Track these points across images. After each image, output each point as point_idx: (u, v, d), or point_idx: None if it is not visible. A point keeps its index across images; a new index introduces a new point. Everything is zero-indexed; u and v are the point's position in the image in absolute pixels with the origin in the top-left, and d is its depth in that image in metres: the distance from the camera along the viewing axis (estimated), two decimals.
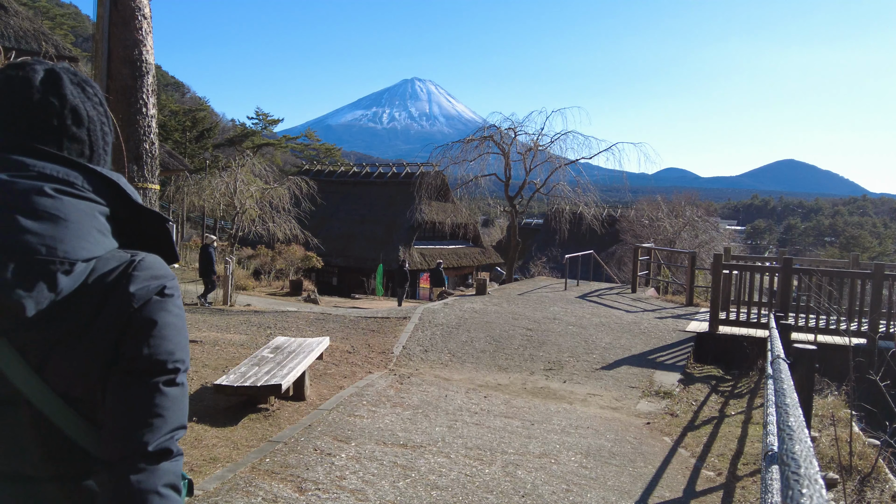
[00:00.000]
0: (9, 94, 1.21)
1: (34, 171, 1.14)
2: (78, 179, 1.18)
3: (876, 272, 9.59)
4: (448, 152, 23.07)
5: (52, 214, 1.11)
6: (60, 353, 1.14)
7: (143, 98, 6.32)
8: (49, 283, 1.09)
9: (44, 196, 1.12)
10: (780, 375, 3.13)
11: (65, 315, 1.13)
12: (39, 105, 1.21)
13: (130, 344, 1.16)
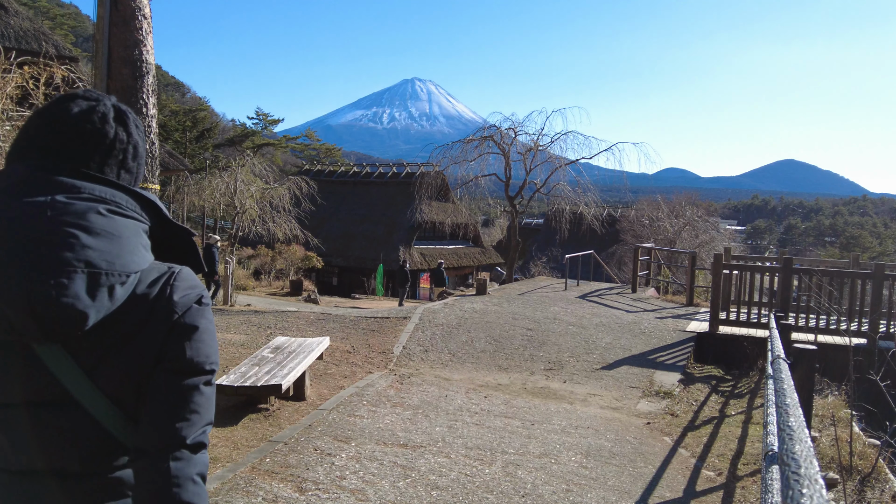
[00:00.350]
0: (75, 123, 1.31)
1: (86, 194, 1.25)
2: (124, 200, 1.31)
3: (876, 272, 9.59)
4: (448, 152, 23.07)
5: (108, 232, 1.24)
6: (111, 358, 1.25)
7: (143, 98, 6.32)
8: (109, 295, 1.21)
9: (99, 216, 1.24)
10: (780, 375, 3.13)
11: (116, 323, 1.24)
12: (113, 139, 1.36)
13: (174, 347, 1.28)
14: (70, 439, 1.25)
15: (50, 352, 1.22)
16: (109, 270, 1.21)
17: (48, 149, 1.29)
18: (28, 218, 1.18)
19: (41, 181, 1.24)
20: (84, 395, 1.24)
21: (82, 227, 1.20)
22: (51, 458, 1.25)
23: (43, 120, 1.32)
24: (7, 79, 4.68)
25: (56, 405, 1.24)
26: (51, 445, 1.25)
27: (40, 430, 1.24)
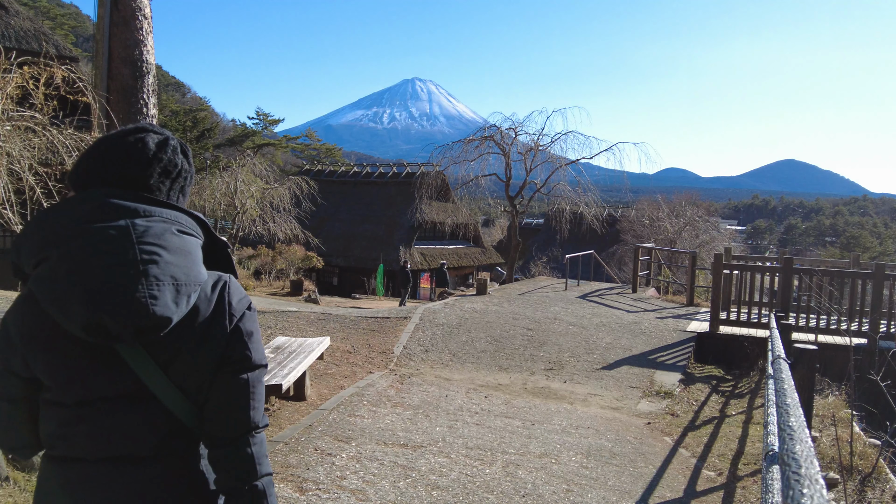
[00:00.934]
0: (154, 156, 1.54)
1: (158, 217, 1.47)
2: (186, 221, 1.53)
3: (877, 272, 9.59)
4: (448, 152, 23.05)
5: (182, 250, 1.46)
6: (183, 355, 1.46)
7: (143, 98, 6.32)
8: (186, 301, 1.43)
9: (173, 236, 1.46)
10: (780, 375, 3.13)
11: (187, 325, 1.46)
12: (180, 169, 1.60)
13: (237, 348, 1.53)
14: (144, 428, 1.45)
15: (132, 352, 1.42)
16: (187, 282, 1.43)
17: (123, 177, 1.49)
18: (116, 239, 1.39)
19: (120, 207, 1.44)
20: (159, 387, 1.45)
21: (163, 247, 1.42)
22: (127, 445, 1.44)
23: (120, 148, 1.51)
24: (7, 79, 4.68)
25: (133, 398, 1.45)
26: (127, 434, 1.45)
27: (119, 421, 1.44)
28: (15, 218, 4.85)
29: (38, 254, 1.41)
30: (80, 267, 1.36)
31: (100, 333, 1.35)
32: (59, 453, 1.46)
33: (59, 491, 1.46)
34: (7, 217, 4.89)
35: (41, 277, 1.38)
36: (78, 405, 1.44)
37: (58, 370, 1.43)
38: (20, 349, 1.44)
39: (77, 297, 1.33)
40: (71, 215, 1.42)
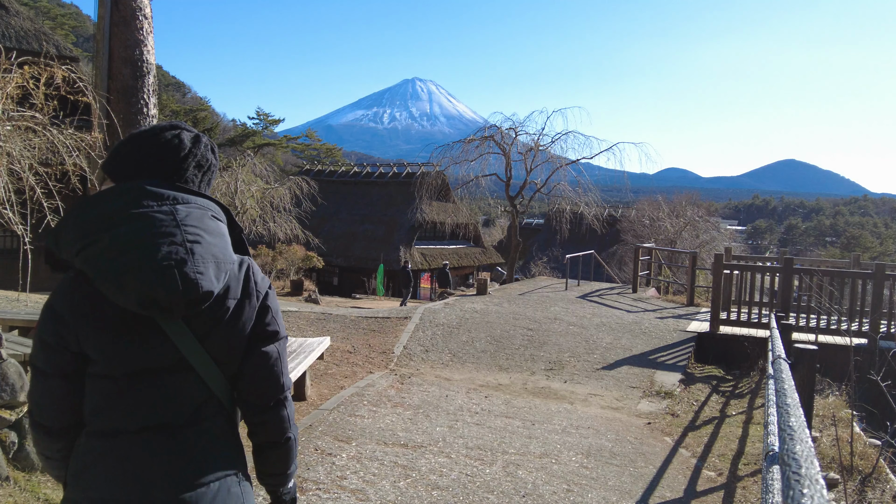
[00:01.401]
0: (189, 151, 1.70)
1: (194, 204, 1.63)
2: (215, 208, 1.70)
3: (877, 272, 9.59)
4: (449, 152, 23.05)
5: (218, 233, 1.64)
6: (218, 329, 1.62)
7: (144, 98, 6.32)
8: (224, 277, 1.60)
9: (209, 220, 1.63)
10: (780, 375, 3.13)
11: (220, 301, 1.62)
12: (211, 164, 1.77)
13: (265, 322, 1.71)
14: (182, 397, 1.60)
15: (174, 326, 1.57)
16: (224, 260, 1.61)
17: (161, 169, 1.65)
18: (165, 223, 1.54)
19: (163, 195, 1.59)
20: (197, 359, 1.60)
21: (204, 230, 1.59)
22: (165, 414, 1.59)
23: (159, 143, 1.67)
24: (7, 78, 4.67)
25: (173, 369, 1.59)
26: (167, 403, 1.59)
27: (161, 391, 1.59)
28: (15, 218, 4.85)
29: (83, 238, 1.53)
30: (134, 247, 1.50)
31: (153, 307, 1.49)
32: (100, 427, 1.58)
33: (98, 463, 1.56)
34: (7, 217, 4.88)
35: (94, 257, 1.51)
36: (124, 376, 1.57)
37: (106, 344, 1.55)
38: (72, 326, 1.55)
39: (133, 274, 1.47)
40: (117, 202, 1.56)
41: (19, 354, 5.34)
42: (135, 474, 1.55)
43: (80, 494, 1.58)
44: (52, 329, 1.57)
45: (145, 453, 1.56)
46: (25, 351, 5.59)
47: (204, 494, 1.58)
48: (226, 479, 1.64)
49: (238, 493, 1.66)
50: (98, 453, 1.57)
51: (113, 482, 1.55)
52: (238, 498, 1.66)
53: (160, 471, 1.56)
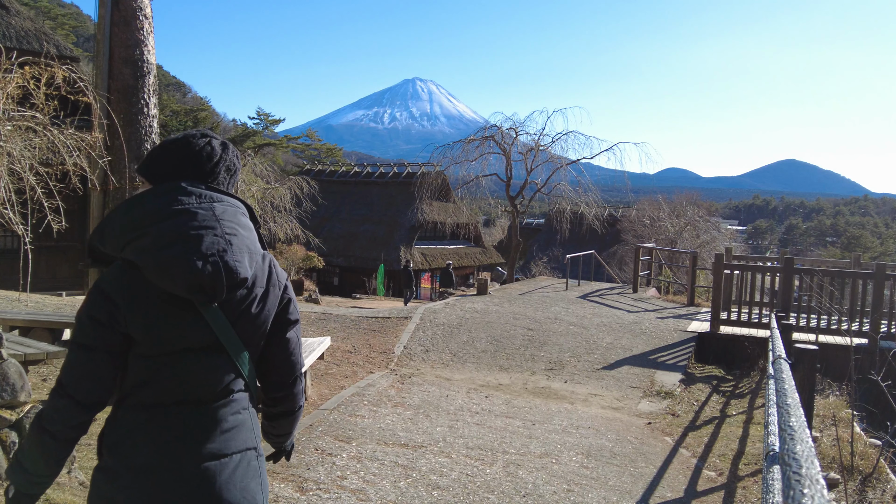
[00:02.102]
0: (220, 156, 1.95)
1: (227, 202, 1.87)
2: (242, 207, 1.93)
3: (877, 272, 9.58)
4: (449, 152, 23.04)
5: (249, 227, 1.88)
6: (247, 314, 1.84)
7: (144, 98, 6.32)
8: (255, 265, 1.83)
9: (242, 216, 1.89)
10: (781, 375, 3.13)
11: (251, 289, 1.85)
12: (237, 168, 2.05)
13: (287, 311, 1.97)
14: (215, 374, 1.80)
15: (211, 311, 1.77)
16: (255, 251, 1.85)
17: (196, 172, 1.87)
18: (206, 218, 1.76)
19: (201, 194, 1.82)
20: (229, 340, 1.80)
21: (238, 224, 1.83)
22: (198, 389, 1.78)
23: (193, 149, 1.89)
24: (8, 79, 4.67)
25: (209, 350, 1.79)
26: (201, 379, 1.79)
27: (197, 368, 1.78)
28: (16, 218, 4.85)
29: (131, 233, 1.74)
30: (180, 239, 1.71)
31: (199, 291, 1.70)
32: (141, 400, 1.77)
33: (138, 432, 1.75)
34: (8, 217, 4.88)
35: (143, 249, 1.71)
36: (166, 355, 1.76)
37: (152, 326, 1.74)
38: (122, 309, 1.73)
39: (181, 262, 1.68)
40: (161, 200, 1.78)
41: (20, 354, 5.34)
42: (168, 443, 1.74)
43: (120, 463, 1.74)
44: (104, 308, 1.74)
45: (179, 425, 1.76)
46: (26, 351, 5.59)
47: (226, 465, 1.78)
48: (246, 452, 1.84)
49: (256, 466, 1.86)
50: (139, 423, 1.76)
51: (151, 449, 1.73)
52: (255, 471, 1.85)
53: (190, 440, 1.76)
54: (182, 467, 1.74)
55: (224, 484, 1.77)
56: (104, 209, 6.28)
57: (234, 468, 1.79)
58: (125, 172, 6.07)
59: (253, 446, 1.87)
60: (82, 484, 3.99)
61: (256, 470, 1.86)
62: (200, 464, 1.75)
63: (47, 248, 12.32)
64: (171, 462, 1.73)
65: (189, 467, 1.74)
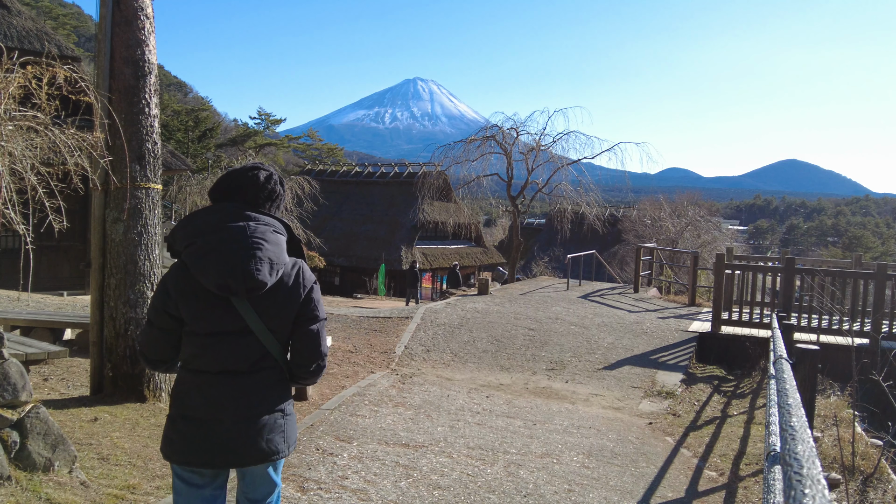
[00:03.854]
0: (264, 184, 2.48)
1: (263, 222, 2.41)
2: (277, 225, 2.46)
3: (879, 272, 9.57)
4: (450, 152, 23.02)
5: (275, 243, 2.39)
6: (273, 308, 2.39)
7: (145, 98, 6.32)
8: (276, 273, 2.37)
9: (271, 233, 2.40)
10: (782, 375, 3.12)
11: (275, 289, 2.39)
12: (279, 194, 2.55)
13: (309, 307, 2.46)
14: (246, 351, 2.37)
15: (242, 303, 2.34)
16: (277, 262, 2.36)
17: (243, 196, 2.44)
18: (239, 233, 2.33)
19: (242, 214, 2.39)
20: (257, 327, 2.36)
21: (265, 240, 2.35)
22: (234, 362, 2.36)
23: (242, 179, 2.45)
24: (10, 79, 4.67)
25: (240, 333, 2.36)
26: (236, 355, 2.36)
27: (232, 346, 2.36)
28: (17, 218, 4.85)
29: (188, 239, 2.36)
30: (217, 249, 2.30)
31: (226, 289, 2.29)
32: (193, 367, 2.40)
33: (193, 390, 2.38)
34: (9, 217, 4.89)
35: (192, 254, 2.33)
36: (207, 335, 2.36)
37: (196, 312, 2.35)
38: (174, 298, 2.36)
39: (214, 267, 2.28)
40: (211, 217, 2.39)
41: (21, 354, 5.35)
42: (213, 400, 2.35)
43: (178, 412, 2.39)
44: (161, 297, 2.39)
45: (220, 387, 2.35)
46: (27, 350, 5.60)
47: (256, 421, 2.37)
48: (273, 412, 2.41)
49: (281, 423, 2.42)
50: (191, 384, 2.39)
51: (199, 404, 2.35)
52: (280, 427, 2.42)
53: (229, 400, 2.34)
54: (222, 420, 2.33)
55: (253, 435, 2.35)
56: (105, 209, 6.28)
57: (262, 424, 2.37)
58: (126, 172, 6.07)
59: (280, 409, 2.43)
60: (83, 483, 3.99)
61: (281, 426, 2.42)
62: (236, 419, 2.34)
63: (48, 247, 12.33)
64: (214, 415, 2.33)
65: (227, 421, 2.33)
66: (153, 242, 6.41)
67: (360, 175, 36.11)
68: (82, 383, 6.62)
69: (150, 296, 6.34)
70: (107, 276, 6.29)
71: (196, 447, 2.33)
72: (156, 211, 6.50)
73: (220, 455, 2.34)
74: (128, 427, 5.42)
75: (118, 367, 6.21)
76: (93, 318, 6.37)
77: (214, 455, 2.33)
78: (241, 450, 2.34)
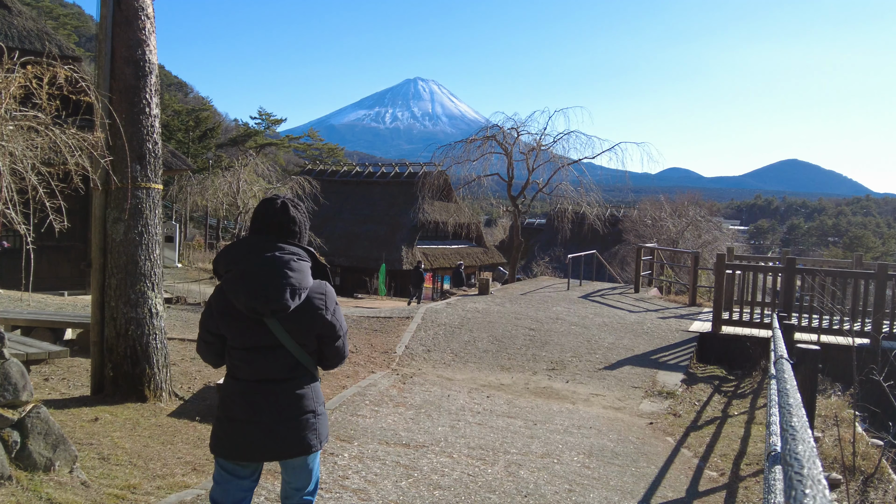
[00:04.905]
0: (283, 216, 2.78)
1: (287, 251, 2.70)
2: (302, 253, 2.75)
3: (879, 272, 9.57)
4: (451, 152, 23.02)
5: (299, 269, 2.68)
6: (299, 326, 2.69)
7: (146, 98, 6.32)
8: (299, 297, 2.66)
9: (295, 261, 2.68)
10: (783, 376, 3.12)
11: (300, 310, 2.68)
12: (300, 224, 2.84)
13: (330, 327, 2.76)
14: (279, 363, 2.70)
15: (273, 322, 2.65)
16: (300, 287, 2.66)
17: (273, 229, 2.76)
18: (266, 262, 2.64)
19: (268, 245, 2.70)
20: (286, 341, 2.68)
21: (289, 268, 2.64)
22: (270, 372, 2.70)
23: (275, 213, 2.76)
24: (10, 79, 4.67)
25: (273, 347, 2.69)
26: (271, 366, 2.69)
27: (267, 359, 2.69)
28: (18, 217, 4.85)
29: (227, 266, 2.71)
30: (247, 276, 2.63)
31: (253, 311, 2.62)
32: (236, 376, 2.75)
33: (236, 396, 2.71)
34: (10, 217, 4.89)
35: (228, 280, 2.68)
36: (246, 350, 2.70)
37: (234, 330, 2.70)
38: (216, 316, 2.73)
39: (244, 291, 2.61)
40: (244, 248, 2.73)
41: (22, 354, 5.35)
42: (252, 405, 2.68)
43: (224, 413, 2.73)
44: (206, 315, 2.79)
45: (259, 394, 2.69)
46: (28, 350, 5.60)
47: (290, 422, 2.69)
48: (305, 415, 2.73)
49: (313, 423, 2.74)
50: (234, 390, 2.73)
51: (241, 408, 2.69)
52: (313, 427, 2.74)
53: (266, 405, 2.68)
54: (261, 421, 2.66)
55: (288, 434, 2.68)
56: (106, 209, 6.28)
57: (296, 424, 2.70)
58: (127, 172, 6.07)
59: (311, 410, 2.74)
60: (84, 483, 4.00)
61: (313, 425, 2.74)
62: (273, 420, 2.67)
63: (49, 247, 12.33)
64: (254, 417, 2.67)
65: (265, 422, 2.66)
66: (154, 242, 6.41)
67: (360, 175, 36.11)
68: (83, 383, 6.62)
69: (150, 295, 6.35)
70: (107, 276, 6.29)
71: (238, 444, 2.70)
72: (156, 211, 6.50)
73: (259, 451, 2.70)
74: (128, 427, 5.42)
75: (119, 366, 6.21)
76: (93, 318, 6.37)
77: (254, 451, 2.70)
78: (278, 446, 2.69)
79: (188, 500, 4.03)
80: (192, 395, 6.74)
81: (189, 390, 6.89)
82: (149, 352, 6.29)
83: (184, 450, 5.08)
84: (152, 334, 6.33)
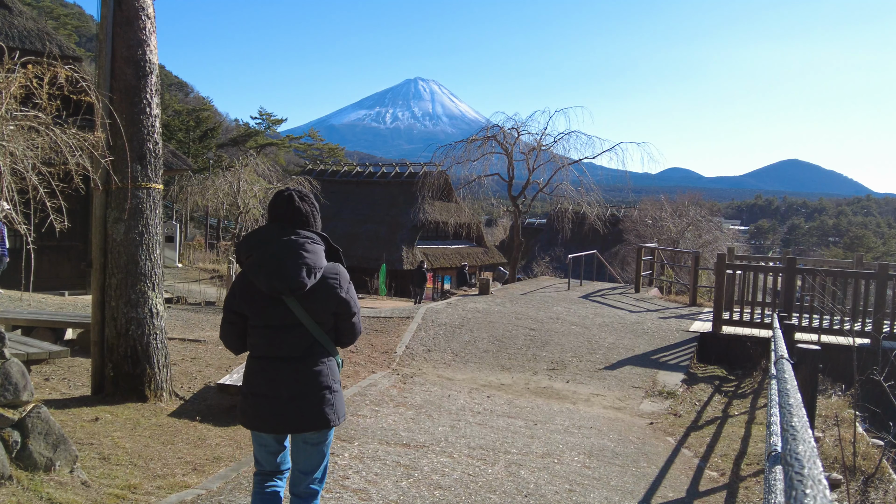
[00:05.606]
0: (298, 206, 3.02)
1: (303, 236, 2.95)
2: (315, 237, 3.00)
3: (880, 272, 9.57)
4: (451, 152, 23.00)
5: (313, 252, 2.92)
6: (316, 304, 2.92)
7: (146, 98, 6.33)
8: (314, 276, 2.88)
9: (309, 244, 2.93)
10: (783, 376, 3.12)
11: (316, 289, 2.91)
12: (314, 213, 3.11)
13: (345, 304, 2.99)
14: (298, 341, 2.92)
15: (292, 301, 2.87)
16: (315, 266, 2.89)
17: (286, 217, 3.00)
18: (283, 245, 2.89)
19: (285, 230, 2.96)
20: (305, 320, 2.90)
21: (304, 249, 2.89)
22: (289, 349, 2.91)
23: (284, 203, 3.00)
24: (11, 78, 4.68)
25: (293, 325, 2.91)
26: (290, 344, 2.91)
27: (286, 337, 2.91)
28: (18, 217, 4.85)
29: (248, 251, 2.95)
30: (267, 259, 2.87)
31: (274, 290, 2.85)
32: (257, 354, 2.98)
33: (257, 372, 2.95)
34: (11, 216, 4.89)
35: (249, 264, 2.92)
36: (266, 328, 2.92)
37: (255, 308, 2.92)
38: (238, 298, 2.95)
39: (264, 273, 2.85)
40: (266, 233, 2.97)
41: (22, 354, 5.35)
42: (273, 380, 2.90)
43: (247, 389, 2.97)
44: (229, 298, 3.02)
45: (279, 370, 2.90)
46: (28, 350, 5.60)
47: (308, 396, 2.89)
48: (322, 390, 2.92)
49: (330, 398, 2.93)
50: (256, 368, 2.96)
51: (262, 383, 2.92)
52: (329, 401, 2.93)
53: (286, 380, 2.89)
54: (280, 396, 2.87)
55: (307, 407, 2.88)
56: (106, 209, 6.28)
57: (313, 399, 2.89)
58: (128, 172, 6.07)
59: (328, 386, 2.93)
60: (84, 483, 4.00)
61: (330, 400, 2.93)
62: (291, 395, 2.88)
63: (50, 247, 12.34)
64: (274, 392, 2.88)
65: (284, 396, 2.87)
66: (154, 242, 6.42)
67: (361, 175, 36.10)
68: (83, 383, 6.62)
69: (151, 295, 6.35)
70: (108, 276, 6.29)
71: (261, 416, 2.92)
72: (157, 211, 6.50)
73: (280, 423, 2.91)
74: (129, 427, 5.42)
75: (119, 366, 6.21)
76: (94, 318, 6.37)
77: (276, 423, 2.91)
78: (297, 420, 2.89)
79: (188, 500, 4.03)
80: (192, 395, 6.74)
81: (189, 390, 6.90)
82: (149, 352, 6.29)
83: (184, 450, 5.08)
84: (153, 334, 6.34)
